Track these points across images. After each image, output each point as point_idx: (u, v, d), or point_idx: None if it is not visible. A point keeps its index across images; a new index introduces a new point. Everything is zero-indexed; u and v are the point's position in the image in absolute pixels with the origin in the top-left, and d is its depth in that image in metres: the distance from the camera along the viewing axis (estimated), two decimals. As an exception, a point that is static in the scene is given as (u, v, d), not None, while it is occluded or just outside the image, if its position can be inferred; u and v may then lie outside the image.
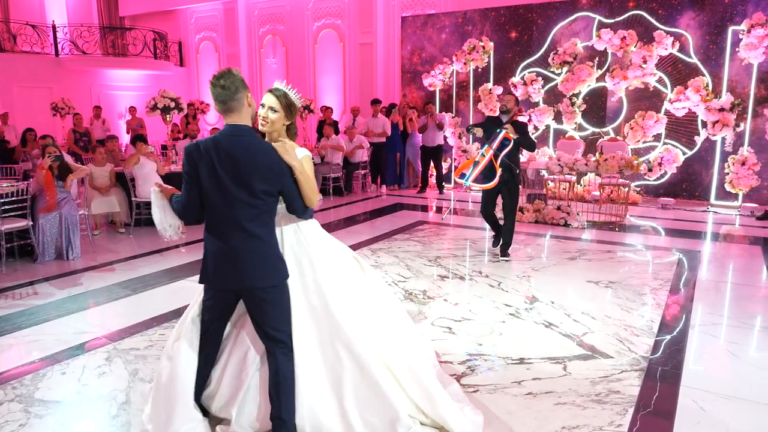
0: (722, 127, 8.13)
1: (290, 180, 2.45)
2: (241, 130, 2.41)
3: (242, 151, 2.35)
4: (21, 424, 2.84)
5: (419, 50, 11.45)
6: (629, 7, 9.20)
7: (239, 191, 2.34)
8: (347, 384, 2.57)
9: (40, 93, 13.15)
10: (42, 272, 5.57)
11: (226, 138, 2.38)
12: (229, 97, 2.37)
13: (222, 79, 2.36)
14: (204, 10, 15.67)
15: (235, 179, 2.34)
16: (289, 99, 2.64)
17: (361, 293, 2.82)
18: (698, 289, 4.87)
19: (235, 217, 2.37)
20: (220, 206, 2.38)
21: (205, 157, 2.36)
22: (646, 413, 2.90)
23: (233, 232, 2.40)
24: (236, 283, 2.45)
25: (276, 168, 2.40)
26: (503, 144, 5.55)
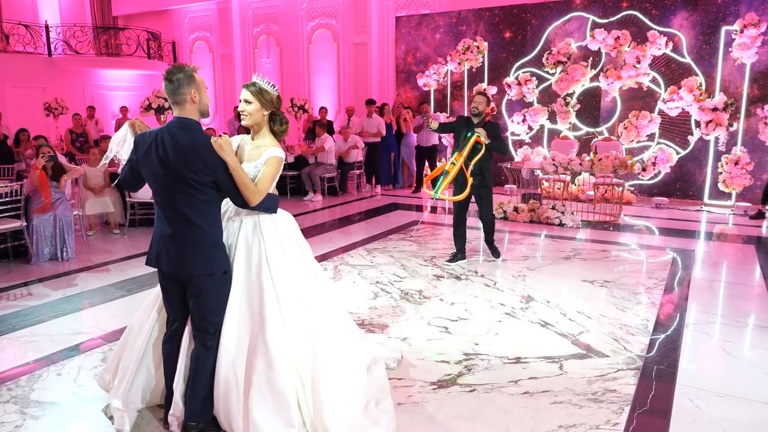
0: (715, 126, 8.18)
1: (224, 174, 2.50)
2: (184, 122, 2.52)
3: (176, 143, 2.45)
4: (17, 426, 2.83)
5: (414, 50, 11.46)
6: (623, 7, 9.24)
7: (173, 179, 2.46)
8: (255, 383, 2.59)
9: (33, 93, 13.08)
10: (36, 273, 5.54)
11: (169, 129, 2.50)
12: (172, 92, 2.49)
13: (170, 73, 2.49)
14: (198, 9, 15.63)
15: (167, 167, 2.45)
16: (259, 86, 2.70)
17: (303, 297, 2.76)
18: (692, 288, 4.90)
19: (173, 203, 2.49)
20: (161, 192, 2.52)
21: (147, 144, 2.51)
22: (642, 412, 2.91)
23: (172, 218, 2.52)
24: (171, 267, 2.56)
25: (207, 161, 2.46)
26: (474, 149, 5.25)
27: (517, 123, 9.99)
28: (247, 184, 2.53)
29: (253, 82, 2.72)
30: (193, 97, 2.51)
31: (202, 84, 2.55)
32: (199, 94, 2.53)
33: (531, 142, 10.09)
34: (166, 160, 2.45)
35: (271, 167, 2.65)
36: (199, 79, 2.53)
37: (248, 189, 2.54)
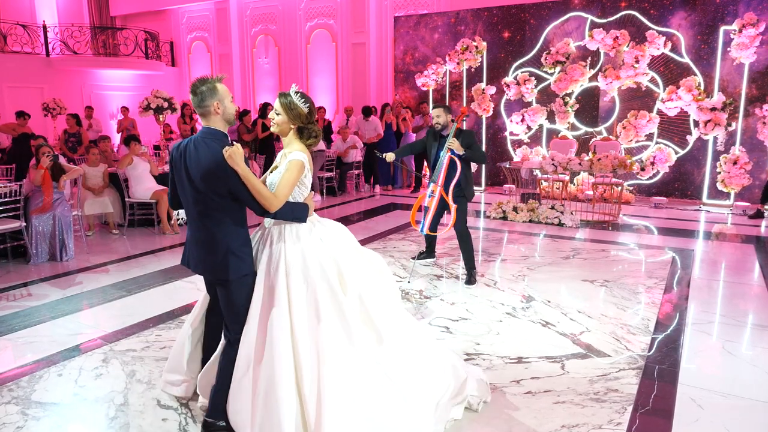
0: (714, 126, 8.20)
1: (238, 183, 2.48)
2: (208, 132, 2.58)
3: (195, 152, 2.53)
4: (18, 427, 2.82)
5: (412, 50, 11.46)
6: (621, 7, 9.25)
7: (191, 188, 2.56)
8: (257, 393, 2.54)
9: (31, 93, 13.03)
10: (35, 273, 5.52)
11: (195, 140, 2.58)
12: (197, 104, 2.57)
13: (194, 87, 2.57)
14: (196, 9, 15.61)
15: (188, 176, 2.56)
16: (290, 99, 2.68)
17: (319, 314, 2.61)
18: (692, 288, 4.91)
19: (192, 210, 2.61)
20: (183, 199, 2.66)
21: (177, 153, 2.62)
22: (645, 411, 2.91)
23: (193, 223, 2.65)
24: (196, 268, 2.70)
25: (218, 171, 2.46)
26: (451, 170, 4.85)
27: (516, 123, 9.99)
28: (261, 192, 2.50)
29: (286, 93, 2.70)
30: (216, 108, 2.56)
31: (225, 93, 2.58)
32: (223, 105, 2.57)
33: (530, 141, 10.09)
34: (188, 169, 2.54)
35: (290, 172, 2.59)
36: (222, 90, 2.57)
37: (263, 196, 2.50)
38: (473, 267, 5.11)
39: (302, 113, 2.68)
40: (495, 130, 10.70)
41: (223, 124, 2.60)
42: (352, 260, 2.79)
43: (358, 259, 2.83)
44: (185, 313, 4.36)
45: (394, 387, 2.61)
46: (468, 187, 5.04)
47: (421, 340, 2.88)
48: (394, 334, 2.74)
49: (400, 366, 2.68)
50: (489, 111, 10.34)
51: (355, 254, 2.84)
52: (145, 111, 9.09)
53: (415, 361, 2.75)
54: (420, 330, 2.97)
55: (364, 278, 2.78)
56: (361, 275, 2.77)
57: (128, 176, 7.12)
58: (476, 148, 4.93)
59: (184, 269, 5.55)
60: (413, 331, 2.88)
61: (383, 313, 2.76)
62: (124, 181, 7.15)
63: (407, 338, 2.80)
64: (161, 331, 4.02)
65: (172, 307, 4.50)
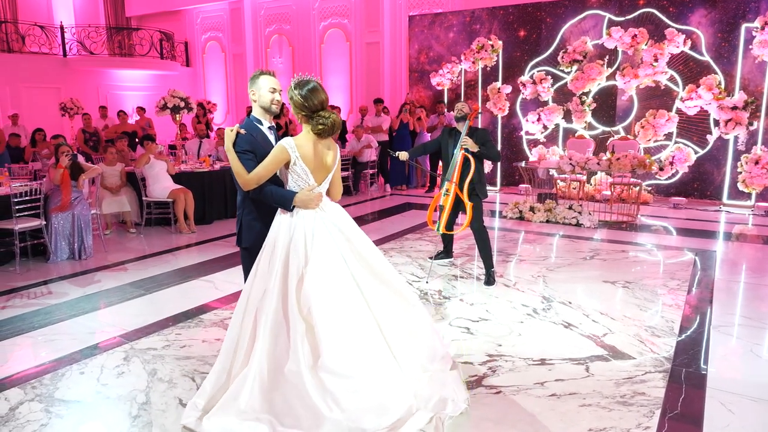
0: (735, 125, 8.07)
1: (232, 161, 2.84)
2: (248, 117, 3.01)
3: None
4: (42, 424, 2.82)
5: (427, 49, 11.41)
6: (640, 5, 9.14)
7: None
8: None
9: (48, 93, 13.16)
10: (55, 272, 5.55)
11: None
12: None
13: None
14: (210, 10, 15.67)
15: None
16: (289, 92, 2.79)
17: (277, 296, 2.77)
18: (716, 290, 4.83)
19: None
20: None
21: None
22: (674, 416, 2.86)
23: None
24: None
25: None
26: (465, 168, 4.84)
27: (532, 122, 9.92)
28: (237, 170, 2.79)
29: (289, 89, 2.79)
30: (253, 96, 2.92)
31: (262, 83, 2.90)
32: (259, 93, 2.91)
33: (545, 141, 10.01)
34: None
35: (270, 155, 2.75)
36: (259, 80, 2.90)
37: (238, 174, 2.80)
38: (491, 266, 5.06)
39: (297, 102, 2.73)
40: (510, 130, 10.62)
41: (260, 111, 2.94)
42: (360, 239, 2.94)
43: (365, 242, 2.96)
44: (203, 312, 4.37)
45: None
46: (481, 186, 5.00)
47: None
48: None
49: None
50: (505, 110, 10.26)
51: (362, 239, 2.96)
52: (162, 110, 9.13)
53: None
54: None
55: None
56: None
57: (145, 175, 7.15)
58: (490, 146, 4.93)
59: (201, 268, 5.60)
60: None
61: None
62: (141, 180, 7.18)
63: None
64: (181, 330, 4.02)
65: (190, 306, 4.50)
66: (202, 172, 7.75)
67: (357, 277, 2.79)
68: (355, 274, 2.78)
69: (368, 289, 2.80)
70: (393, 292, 2.89)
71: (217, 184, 7.90)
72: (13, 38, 13.27)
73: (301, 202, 2.75)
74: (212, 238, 6.91)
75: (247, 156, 2.80)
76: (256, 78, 2.90)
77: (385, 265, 2.92)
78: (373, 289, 2.81)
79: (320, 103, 2.71)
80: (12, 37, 13.26)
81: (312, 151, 2.74)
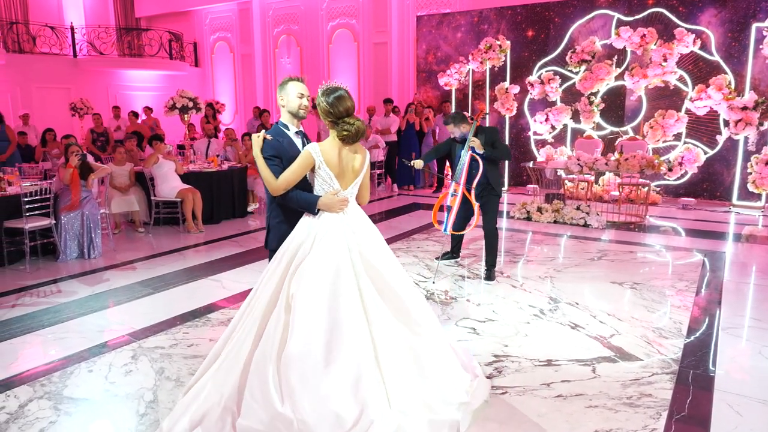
0: (745, 126, 8.01)
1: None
2: (274, 124, 3.06)
3: None
4: (51, 422, 2.85)
5: (434, 49, 11.41)
6: (649, 5, 9.09)
7: None
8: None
9: (59, 93, 13.27)
10: (64, 270, 5.60)
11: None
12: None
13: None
14: (219, 10, 15.74)
15: None
16: (316, 100, 2.83)
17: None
18: (725, 291, 4.79)
19: None
20: None
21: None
22: (680, 418, 2.84)
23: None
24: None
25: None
26: (473, 167, 4.82)
27: (540, 122, 9.88)
28: (265, 176, 2.86)
29: (318, 95, 2.82)
30: (282, 102, 2.99)
31: (290, 89, 2.96)
32: (286, 98, 2.97)
33: (553, 141, 9.98)
34: None
35: (296, 161, 2.80)
36: (288, 85, 2.96)
37: (266, 180, 2.86)
38: (494, 264, 5.12)
39: (324, 109, 2.78)
40: (518, 130, 10.60)
41: (288, 116, 3.00)
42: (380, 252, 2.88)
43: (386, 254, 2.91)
44: (210, 312, 4.39)
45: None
46: (498, 185, 5.03)
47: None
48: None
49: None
50: (512, 110, 10.23)
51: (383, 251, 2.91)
52: (171, 110, 9.18)
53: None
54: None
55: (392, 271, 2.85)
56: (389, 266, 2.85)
57: (154, 175, 7.19)
58: (500, 145, 4.93)
59: (209, 267, 5.63)
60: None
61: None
62: (150, 180, 7.22)
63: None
64: (188, 329, 4.04)
65: (198, 305, 4.53)
66: (210, 172, 7.79)
67: (362, 287, 2.70)
68: (361, 285, 2.71)
69: (372, 303, 2.69)
70: (402, 316, 2.76)
71: (225, 183, 7.93)
72: (24, 39, 13.40)
73: (324, 206, 2.79)
74: (220, 237, 6.94)
75: (273, 161, 2.88)
76: (285, 84, 2.97)
77: (403, 285, 2.82)
78: (376, 307, 2.70)
79: (345, 110, 2.76)
80: (23, 38, 13.39)
81: (337, 156, 2.79)
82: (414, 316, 2.78)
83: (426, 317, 2.85)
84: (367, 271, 2.75)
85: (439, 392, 2.71)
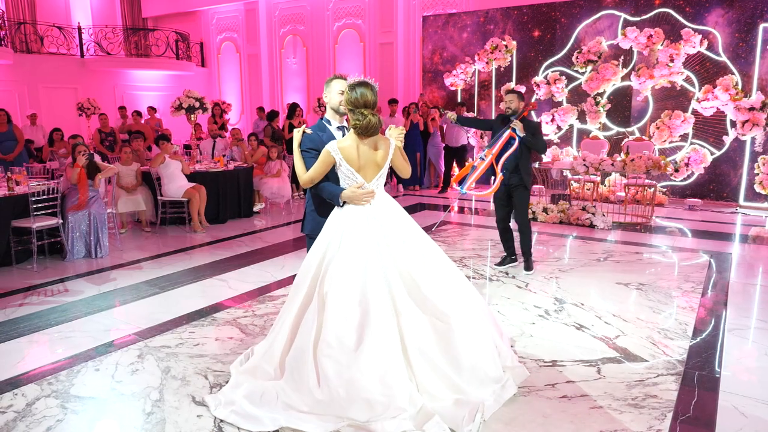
0: (752, 126, 7.97)
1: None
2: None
3: None
4: (58, 420, 2.87)
5: (440, 50, 11.41)
6: (656, 5, 9.06)
7: None
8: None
9: (65, 93, 13.35)
10: (71, 270, 5.64)
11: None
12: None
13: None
14: (225, 10, 15.79)
15: None
16: (345, 94, 2.99)
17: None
18: (731, 292, 4.77)
19: None
20: None
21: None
22: (685, 419, 2.84)
23: None
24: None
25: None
26: (508, 144, 5.11)
27: (546, 123, 9.85)
28: (297, 170, 3.08)
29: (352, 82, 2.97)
30: (326, 98, 3.17)
31: (334, 86, 3.13)
32: (329, 95, 3.15)
33: (559, 142, 9.96)
34: None
35: (318, 158, 2.98)
36: (332, 83, 3.13)
37: (298, 174, 3.07)
38: (530, 255, 5.41)
39: (346, 99, 2.95)
40: (524, 130, 10.57)
41: (331, 112, 3.19)
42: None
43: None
44: (216, 311, 4.41)
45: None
46: (527, 176, 5.24)
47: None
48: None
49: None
50: (518, 111, 10.20)
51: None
52: (177, 110, 9.23)
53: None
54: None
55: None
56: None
57: (160, 175, 7.22)
58: (538, 137, 5.20)
59: (215, 267, 5.65)
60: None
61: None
62: (157, 179, 7.26)
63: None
64: (194, 328, 4.06)
65: (204, 305, 4.55)
66: (216, 172, 7.82)
67: (390, 280, 2.86)
68: (389, 277, 2.86)
69: (399, 296, 2.84)
70: (428, 307, 2.86)
71: (232, 183, 7.96)
72: (32, 39, 13.48)
73: (348, 198, 2.95)
74: (226, 237, 6.97)
75: (310, 154, 3.07)
76: (330, 81, 3.14)
77: (430, 274, 2.92)
78: (403, 299, 2.84)
79: (365, 102, 2.90)
80: (31, 38, 13.47)
81: (356, 151, 2.93)
82: (441, 307, 2.85)
83: (454, 305, 2.90)
84: (395, 263, 2.88)
85: (473, 373, 2.86)
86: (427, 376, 2.80)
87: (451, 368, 2.83)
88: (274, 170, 8.56)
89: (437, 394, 2.79)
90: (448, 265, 3.08)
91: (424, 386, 2.78)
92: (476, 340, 2.92)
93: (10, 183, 5.82)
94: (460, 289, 3.03)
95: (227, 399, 2.92)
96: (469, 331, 2.90)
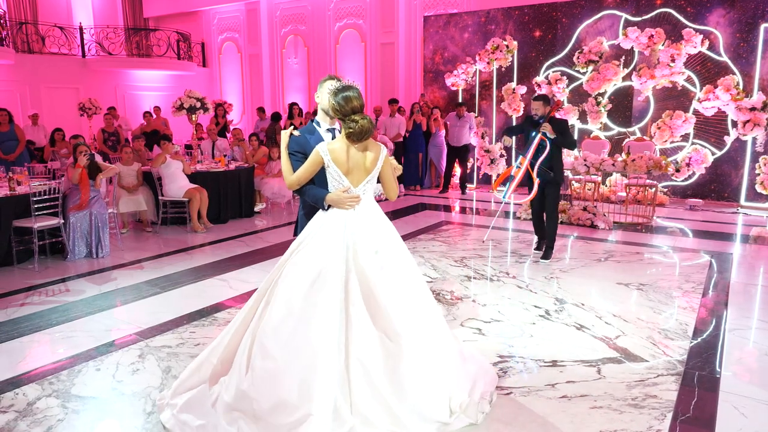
0: (753, 126, 7.95)
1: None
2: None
3: None
4: (59, 419, 2.88)
5: (441, 50, 11.40)
6: (657, 5, 9.05)
7: None
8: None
9: (67, 93, 13.36)
10: (72, 269, 5.65)
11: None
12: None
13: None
14: (227, 10, 15.80)
15: None
16: (329, 99, 2.87)
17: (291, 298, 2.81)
18: (732, 293, 4.77)
19: None
20: None
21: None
22: (685, 419, 2.84)
23: None
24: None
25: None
26: (540, 148, 5.41)
27: (547, 123, 9.85)
28: (284, 172, 2.99)
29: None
30: (318, 99, 3.08)
31: (326, 87, 3.00)
32: (321, 96, 3.04)
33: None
34: None
35: (307, 159, 2.88)
36: (325, 84, 3.03)
37: (284, 176, 2.98)
38: (552, 245, 5.75)
39: (333, 106, 2.84)
40: (525, 130, 10.57)
41: (322, 114, 3.08)
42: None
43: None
44: (217, 311, 4.42)
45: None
46: (559, 173, 5.53)
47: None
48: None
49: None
50: (519, 111, 10.19)
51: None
52: (179, 111, 9.23)
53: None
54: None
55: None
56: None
57: (162, 175, 7.23)
58: (568, 135, 5.47)
59: (216, 267, 5.66)
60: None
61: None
62: (158, 179, 7.27)
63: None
64: (195, 328, 4.07)
65: (204, 305, 4.56)
66: (217, 172, 7.83)
67: (350, 289, 2.71)
68: (349, 286, 2.71)
69: (355, 307, 2.68)
70: (383, 324, 2.67)
71: (233, 183, 7.97)
72: (34, 39, 13.50)
73: (333, 202, 2.85)
74: (227, 237, 6.98)
75: (296, 157, 2.99)
76: (323, 82, 3.05)
77: (394, 292, 2.74)
78: (359, 311, 2.68)
79: (352, 109, 2.78)
80: (32, 38, 13.49)
81: (345, 154, 2.81)
82: (394, 325, 2.66)
83: (410, 328, 2.70)
84: (361, 271, 2.73)
85: (415, 406, 2.64)
86: (364, 396, 2.59)
87: (393, 395, 2.61)
88: (275, 170, 8.57)
89: (372, 420, 2.57)
90: (420, 288, 2.90)
91: (358, 407, 2.57)
92: (427, 372, 2.70)
93: (12, 183, 5.83)
94: (423, 314, 2.83)
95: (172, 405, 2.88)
96: (421, 361, 2.69)
